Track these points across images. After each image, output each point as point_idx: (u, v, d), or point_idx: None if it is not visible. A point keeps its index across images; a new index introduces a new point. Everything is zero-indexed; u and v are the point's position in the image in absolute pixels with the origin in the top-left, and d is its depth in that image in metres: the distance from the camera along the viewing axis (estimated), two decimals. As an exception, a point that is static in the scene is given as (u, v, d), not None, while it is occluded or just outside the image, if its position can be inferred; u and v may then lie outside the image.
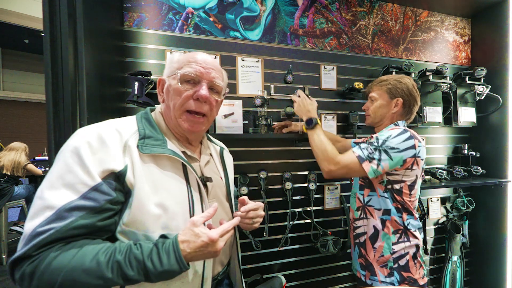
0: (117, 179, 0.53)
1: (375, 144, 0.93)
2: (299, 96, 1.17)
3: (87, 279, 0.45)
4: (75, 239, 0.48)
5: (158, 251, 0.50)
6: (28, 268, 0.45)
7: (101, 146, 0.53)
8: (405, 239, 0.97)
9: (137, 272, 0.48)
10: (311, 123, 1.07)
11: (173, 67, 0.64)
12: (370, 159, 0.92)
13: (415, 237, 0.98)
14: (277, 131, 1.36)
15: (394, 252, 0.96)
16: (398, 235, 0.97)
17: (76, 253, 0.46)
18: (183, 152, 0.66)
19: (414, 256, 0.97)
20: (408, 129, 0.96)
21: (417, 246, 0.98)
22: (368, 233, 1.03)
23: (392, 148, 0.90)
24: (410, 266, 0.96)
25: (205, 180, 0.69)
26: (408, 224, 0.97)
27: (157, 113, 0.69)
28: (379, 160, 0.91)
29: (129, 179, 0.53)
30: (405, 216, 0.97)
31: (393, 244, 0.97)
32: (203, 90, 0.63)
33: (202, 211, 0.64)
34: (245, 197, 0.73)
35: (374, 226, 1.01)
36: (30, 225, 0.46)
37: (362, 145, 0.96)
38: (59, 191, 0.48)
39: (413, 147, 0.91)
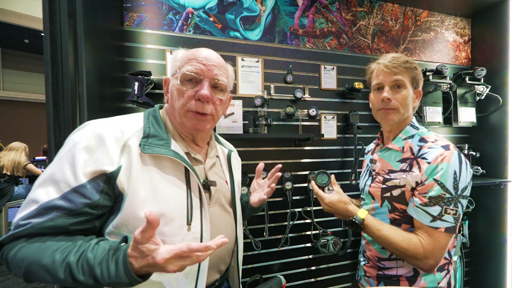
0: (108, 181, 0.52)
1: (448, 196, 0.68)
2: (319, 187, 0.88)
3: (44, 275, 0.45)
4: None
5: (108, 259, 0.45)
6: (4, 255, 0.48)
7: (98, 145, 0.52)
8: (448, 270, 0.79)
9: (88, 277, 0.45)
10: (357, 227, 0.79)
11: (175, 65, 0.63)
12: (458, 218, 0.69)
13: (451, 263, 0.81)
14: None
15: None
16: (445, 271, 0.78)
17: (38, 247, 0.47)
18: (187, 154, 0.64)
19: (449, 285, 0.81)
20: (449, 143, 0.75)
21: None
22: (403, 275, 0.80)
23: (466, 187, 0.70)
24: None
25: (208, 184, 0.67)
26: (452, 251, 0.79)
27: (164, 112, 0.68)
28: (463, 207, 0.70)
29: (121, 182, 0.52)
30: (452, 244, 0.77)
31: (439, 283, 0.78)
32: (204, 90, 0.59)
33: (201, 217, 0.61)
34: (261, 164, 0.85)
35: (414, 268, 0.79)
36: (17, 216, 0.49)
37: (433, 210, 0.69)
38: (47, 186, 0.50)
39: (468, 164, 0.73)
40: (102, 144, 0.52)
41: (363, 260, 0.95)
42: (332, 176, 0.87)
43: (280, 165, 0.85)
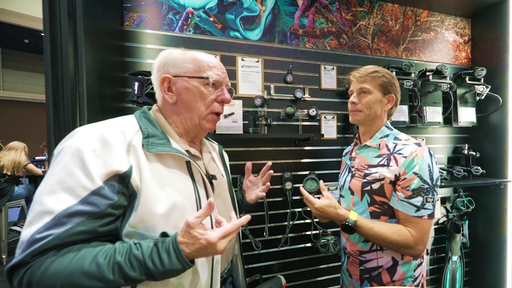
0: (121, 181, 0.51)
1: (426, 186, 0.77)
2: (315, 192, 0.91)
3: (87, 282, 0.45)
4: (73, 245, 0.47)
5: (158, 251, 0.49)
6: (25, 275, 0.44)
7: (104, 147, 0.51)
8: (422, 259, 0.86)
9: (139, 272, 0.47)
10: (351, 229, 0.80)
11: (187, 67, 0.64)
12: (435, 205, 0.78)
13: (427, 252, 0.89)
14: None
15: (415, 278, 0.85)
16: (419, 259, 0.86)
17: (73, 257, 0.45)
18: (187, 151, 0.67)
19: (421, 275, 0.88)
20: (419, 141, 0.85)
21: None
22: (384, 266, 0.85)
23: (438, 178, 0.80)
24: (424, 286, 0.88)
25: (210, 177, 0.70)
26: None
27: (155, 112, 0.67)
28: (437, 195, 0.80)
29: (135, 181, 0.52)
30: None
31: (415, 270, 0.85)
32: (228, 95, 0.68)
33: None
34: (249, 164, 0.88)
35: (393, 258, 0.84)
36: (27, 232, 0.45)
37: (417, 201, 0.77)
38: (58, 195, 0.46)
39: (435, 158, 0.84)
40: (107, 145, 0.52)
41: (344, 259, 1.00)
42: (321, 182, 0.90)
43: (270, 163, 0.89)
